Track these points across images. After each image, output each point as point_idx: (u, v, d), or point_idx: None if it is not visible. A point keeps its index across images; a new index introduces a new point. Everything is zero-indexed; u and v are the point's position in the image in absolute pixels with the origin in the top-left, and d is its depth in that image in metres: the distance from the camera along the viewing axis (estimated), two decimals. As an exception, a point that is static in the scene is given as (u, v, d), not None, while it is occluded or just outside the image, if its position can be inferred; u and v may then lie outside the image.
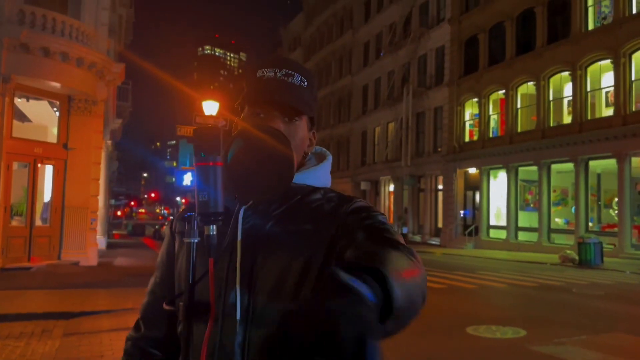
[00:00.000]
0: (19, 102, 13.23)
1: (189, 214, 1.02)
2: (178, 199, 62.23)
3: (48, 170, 13.85)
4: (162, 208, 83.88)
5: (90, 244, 13.74)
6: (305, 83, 1.13)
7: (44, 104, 13.95)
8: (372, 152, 36.16)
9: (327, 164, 1.21)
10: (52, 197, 13.64)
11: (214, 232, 0.98)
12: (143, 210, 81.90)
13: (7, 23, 11.59)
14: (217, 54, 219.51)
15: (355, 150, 38.21)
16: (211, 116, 13.67)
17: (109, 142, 21.68)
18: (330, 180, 1.22)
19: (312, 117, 1.19)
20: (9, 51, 11.72)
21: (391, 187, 33.56)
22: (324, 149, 1.26)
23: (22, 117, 14.20)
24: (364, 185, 35.68)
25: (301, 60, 49.63)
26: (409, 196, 30.94)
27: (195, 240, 0.98)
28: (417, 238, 29.05)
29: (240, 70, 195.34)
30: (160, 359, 1.19)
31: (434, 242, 27.72)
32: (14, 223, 13.08)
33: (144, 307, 1.21)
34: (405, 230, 30.02)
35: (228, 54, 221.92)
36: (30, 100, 13.67)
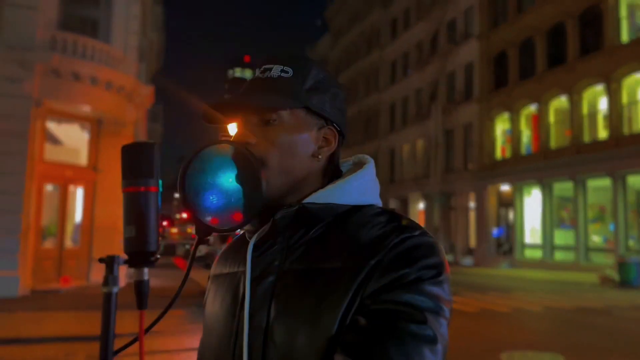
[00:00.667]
0: (50, 125, 13.54)
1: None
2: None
3: (79, 192, 14.09)
4: (194, 228, 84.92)
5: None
6: (290, 72, 0.89)
7: (75, 127, 14.25)
8: (400, 170, 35.82)
9: (366, 172, 0.93)
10: (82, 219, 13.83)
11: (147, 278, 0.77)
12: (175, 230, 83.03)
13: (39, 49, 11.92)
14: (246, 76, 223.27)
15: (384, 168, 37.93)
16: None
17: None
18: (376, 192, 0.94)
19: (314, 109, 0.90)
20: (41, 76, 12.02)
21: (421, 205, 33.06)
22: (364, 155, 0.99)
23: (54, 140, 14.53)
24: (392, 204, 35.27)
25: (329, 80, 49.88)
26: (440, 214, 30.39)
27: (115, 290, 0.72)
28: (450, 258, 28.40)
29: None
30: None
31: (466, 262, 27.04)
32: (46, 245, 13.29)
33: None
34: (436, 249, 29.44)
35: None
36: (62, 124, 13.99)
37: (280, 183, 0.87)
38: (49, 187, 13.58)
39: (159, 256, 0.77)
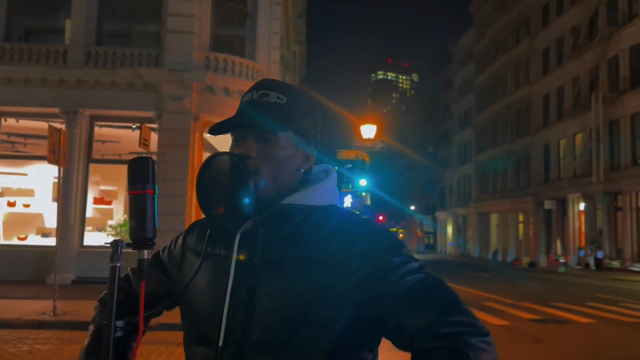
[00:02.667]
0: (207, 136, 15.03)
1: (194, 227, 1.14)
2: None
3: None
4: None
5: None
6: (284, 99, 1.10)
7: (228, 137, 15.60)
8: (556, 168, 32.95)
9: (330, 181, 1.15)
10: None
11: (147, 257, 1.01)
12: None
13: (195, 69, 13.34)
14: (389, 77, 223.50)
15: (537, 166, 35.21)
16: (369, 139, 13.86)
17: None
18: (336, 196, 1.16)
19: (300, 132, 1.12)
20: (197, 93, 13.45)
21: (581, 206, 30.06)
22: (328, 166, 1.21)
23: (213, 150, 16.10)
24: (548, 205, 32.56)
25: (474, 74, 48.02)
26: (604, 216, 27.34)
27: (119, 265, 0.97)
28: (616, 264, 25.42)
29: (412, 92, 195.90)
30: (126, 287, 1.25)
31: (636, 269, 23.95)
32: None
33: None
34: (600, 255, 26.60)
35: (400, 76, 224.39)
36: (217, 135, 15.41)
37: (270, 189, 1.07)
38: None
39: (155, 242, 1.01)
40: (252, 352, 0.99)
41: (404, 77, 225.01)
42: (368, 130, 13.62)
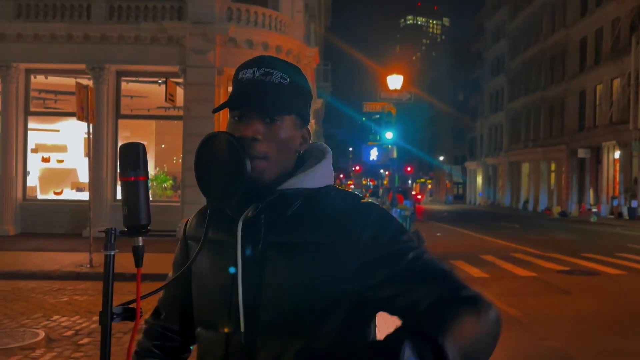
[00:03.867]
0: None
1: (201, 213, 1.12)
2: (382, 171, 64.13)
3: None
4: (368, 180, 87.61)
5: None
6: (287, 80, 1.06)
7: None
8: (592, 115, 31.84)
9: (327, 162, 1.13)
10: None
11: (141, 244, 1.00)
12: (351, 182, 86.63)
13: (218, 21, 13.15)
14: (419, 23, 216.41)
15: (572, 113, 34.10)
16: (395, 90, 13.54)
17: (312, 121, 23.24)
18: (332, 176, 1.14)
19: (301, 114, 1.10)
20: (221, 46, 13.31)
21: (616, 154, 29.18)
22: (323, 144, 1.18)
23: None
24: (582, 153, 31.72)
25: (507, 19, 46.12)
26: (640, 164, 26.54)
27: (113, 253, 0.98)
28: (651, 213, 24.84)
29: (442, 37, 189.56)
30: (178, 343, 1.26)
31: (673, 218, 23.38)
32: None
33: (160, 299, 1.28)
34: (634, 204, 26.01)
35: (430, 21, 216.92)
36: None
37: (274, 172, 1.05)
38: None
39: (149, 228, 1.01)
40: (262, 335, 1.01)
41: (434, 22, 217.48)
42: (394, 81, 13.27)
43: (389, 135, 11.12)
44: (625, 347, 5.44)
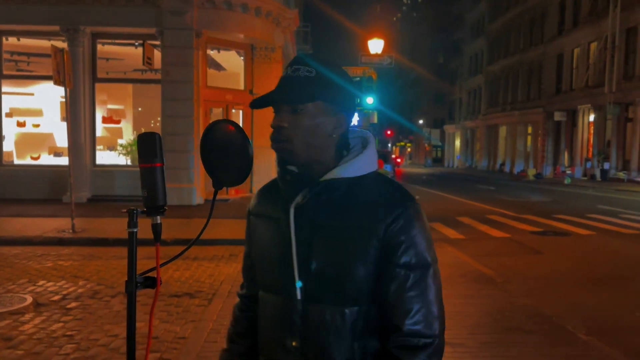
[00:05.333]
0: (211, 53, 14.75)
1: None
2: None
3: (239, 115, 15.41)
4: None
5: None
6: (313, 72, 1.21)
7: (232, 54, 15.34)
8: (569, 78, 32.22)
9: (369, 151, 1.26)
10: (243, 138, 15.15)
11: (159, 222, 1.16)
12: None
13: (196, -18, 12.79)
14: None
15: (549, 76, 34.43)
16: (376, 54, 13.50)
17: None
18: (375, 164, 1.28)
19: (329, 101, 1.22)
20: (198, 8, 13.00)
21: (591, 118, 29.75)
22: (366, 132, 1.32)
23: (218, 67, 15.85)
24: (558, 116, 32.26)
25: (488, -20, 45.52)
26: (613, 127, 27.14)
27: (135, 230, 1.12)
28: (622, 175, 25.59)
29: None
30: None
31: (642, 180, 24.14)
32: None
33: (243, 269, 1.46)
34: (607, 166, 26.74)
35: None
36: (221, 51, 15.14)
37: (304, 154, 1.21)
38: (214, 111, 15.05)
39: (166, 208, 1.16)
40: (310, 300, 1.20)
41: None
42: (375, 46, 13.21)
43: (369, 100, 11.16)
44: (594, 304, 5.77)
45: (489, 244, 9.28)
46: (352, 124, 1.28)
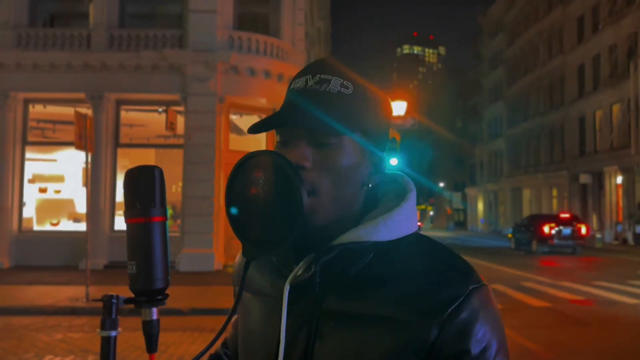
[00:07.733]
0: (233, 118, 14.83)
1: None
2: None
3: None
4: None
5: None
6: (350, 88, 0.80)
7: (254, 118, 15.41)
8: (592, 140, 31.79)
9: (409, 203, 0.83)
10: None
11: (156, 317, 0.69)
12: None
13: (220, 49, 13.06)
14: (415, 52, 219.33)
15: (572, 138, 34.07)
16: (399, 116, 13.42)
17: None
18: (415, 220, 0.84)
19: (369, 134, 0.81)
20: (222, 74, 13.20)
21: (619, 180, 29.01)
22: (404, 177, 0.89)
23: (240, 131, 15.93)
24: (584, 179, 31.56)
25: (504, 46, 46.59)
26: (643, 189, 26.33)
27: (114, 334, 0.66)
28: (656, 238, 24.52)
29: (439, 65, 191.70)
30: None
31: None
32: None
33: (228, 337, 1.07)
34: (639, 229, 25.70)
35: (427, 50, 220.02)
36: (243, 116, 15.23)
37: (329, 213, 0.78)
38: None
39: (167, 294, 0.68)
40: None
41: (430, 51, 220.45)
42: (398, 107, 13.13)
43: (393, 161, 10.89)
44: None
45: (528, 314, 8.59)
46: None
